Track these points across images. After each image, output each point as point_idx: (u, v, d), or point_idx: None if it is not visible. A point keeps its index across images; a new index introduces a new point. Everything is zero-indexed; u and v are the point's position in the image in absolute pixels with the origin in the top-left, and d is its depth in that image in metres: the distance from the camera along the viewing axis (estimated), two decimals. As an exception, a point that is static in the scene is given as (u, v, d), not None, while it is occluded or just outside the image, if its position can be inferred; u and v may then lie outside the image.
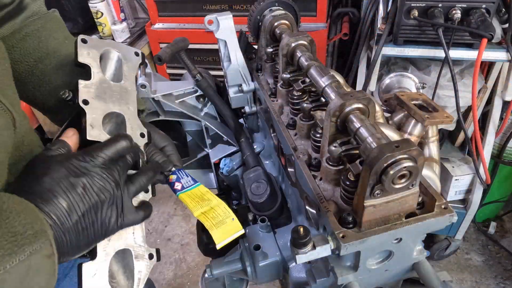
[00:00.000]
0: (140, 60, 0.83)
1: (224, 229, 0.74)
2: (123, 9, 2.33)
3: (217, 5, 2.11)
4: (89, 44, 0.74)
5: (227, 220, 0.76)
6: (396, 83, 1.12)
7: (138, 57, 0.83)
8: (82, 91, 0.70)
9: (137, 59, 0.83)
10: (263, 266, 0.88)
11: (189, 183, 0.81)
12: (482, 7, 1.33)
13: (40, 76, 0.78)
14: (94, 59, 0.74)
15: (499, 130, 1.76)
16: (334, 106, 0.65)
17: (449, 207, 0.62)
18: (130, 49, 0.83)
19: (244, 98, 1.18)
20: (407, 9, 1.41)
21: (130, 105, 0.76)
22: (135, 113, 0.77)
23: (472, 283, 2.07)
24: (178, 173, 0.81)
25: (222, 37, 1.06)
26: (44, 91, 0.80)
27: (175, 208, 2.53)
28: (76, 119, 0.75)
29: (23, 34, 0.75)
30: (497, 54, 1.42)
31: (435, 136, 0.99)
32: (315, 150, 0.78)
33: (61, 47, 0.81)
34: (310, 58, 0.84)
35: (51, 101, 0.81)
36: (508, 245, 2.22)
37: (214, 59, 2.26)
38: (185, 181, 0.81)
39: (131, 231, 0.69)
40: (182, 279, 2.18)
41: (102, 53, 0.77)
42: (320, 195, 0.68)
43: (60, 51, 0.80)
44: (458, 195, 1.94)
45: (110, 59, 0.78)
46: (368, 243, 0.60)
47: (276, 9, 1.09)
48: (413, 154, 0.54)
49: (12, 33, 0.74)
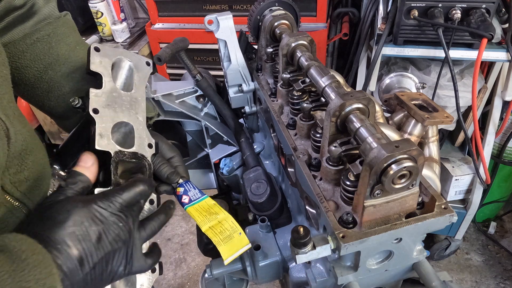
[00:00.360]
0: (151, 70, 0.84)
1: (231, 244, 0.75)
2: (123, 9, 2.33)
3: (217, 5, 2.11)
4: (102, 52, 0.74)
5: (234, 235, 0.76)
6: (396, 83, 1.12)
7: (149, 66, 0.83)
8: (93, 99, 0.69)
9: (148, 68, 0.83)
10: (263, 266, 0.88)
11: (196, 196, 0.81)
12: (482, 7, 1.33)
13: (49, 82, 0.77)
14: (105, 67, 0.74)
15: (499, 130, 1.76)
16: (334, 106, 0.65)
17: (449, 207, 0.62)
18: (142, 58, 0.83)
19: (244, 98, 1.18)
20: (407, 9, 1.41)
21: (139, 115, 0.76)
22: (144, 123, 0.77)
23: (472, 283, 2.07)
24: (186, 186, 0.81)
25: (222, 37, 1.06)
26: (53, 97, 0.79)
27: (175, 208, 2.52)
28: (84, 127, 0.75)
29: (34, 39, 0.74)
30: (497, 54, 1.43)
31: (435, 136, 0.99)
32: (315, 150, 0.78)
33: (72, 53, 0.79)
34: (310, 58, 0.84)
35: (60, 106, 0.80)
36: (508, 245, 2.22)
37: (214, 59, 2.26)
38: (192, 194, 0.81)
39: None
40: (182, 279, 2.18)
41: (114, 62, 0.77)
42: (320, 195, 0.68)
43: (70, 57, 0.79)
44: (458, 195, 1.94)
45: (122, 68, 0.79)
46: (368, 243, 0.60)
47: (276, 9, 1.09)
48: (413, 154, 0.54)
49: (22, 37, 0.73)
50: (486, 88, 1.72)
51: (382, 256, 0.69)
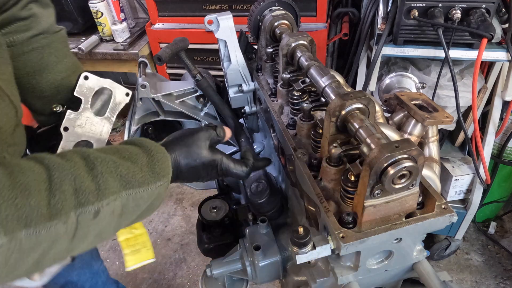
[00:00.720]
0: (127, 101, 0.99)
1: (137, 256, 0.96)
2: (123, 9, 2.33)
3: (217, 5, 2.11)
4: (89, 81, 0.92)
5: (142, 250, 0.97)
6: (396, 83, 1.12)
7: (127, 97, 1.00)
8: (67, 119, 0.88)
9: (126, 98, 0.99)
10: (263, 266, 0.88)
11: None
12: (482, 7, 1.33)
13: (35, 85, 0.89)
14: (87, 95, 0.91)
15: (499, 130, 1.76)
16: (334, 106, 0.65)
17: (449, 207, 0.62)
18: (123, 90, 0.98)
19: (244, 98, 1.18)
20: (407, 9, 1.41)
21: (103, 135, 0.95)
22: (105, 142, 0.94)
23: (472, 283, 2.07)
24: None
25: (222, 37, 1.06)
26: (35, 97, 0.91)
27: (175, 208, 2.54)
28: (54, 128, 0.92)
29: (30, 48, 0.86)
30: (497, 54, 1.42)
31: (435, 136, 0.99)
32: (315, 150, 0.78)
33: (59, 65, 0.91)
34: (310, 58, 0.84)
35: (38, 104, 0.93)
36: (508, 245, 2.22)
37: (214, 59, 2.26)
38: None
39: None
40: (182, 279, 2.18)
41: (97, 90, 0.93)
42: (320, 195, 0.68)
43: (56, 67, 0.91)
44: (458, 195, 1.94)
45: (102, 95, 0.95)
46: (368, 243, 0.60)
47: (276, 9, 1.09)
48: (413, 154, 0.54)
49: (21, 44, 0.85)
50: (486, 88, 1.72)
51: (382, 256, 0.69)
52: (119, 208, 0.59)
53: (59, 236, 0.51)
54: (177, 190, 2.69)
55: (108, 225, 0.59)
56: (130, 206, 0.61)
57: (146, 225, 2.48)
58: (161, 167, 0.66)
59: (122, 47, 2.22)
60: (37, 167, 0.52)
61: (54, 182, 0.51)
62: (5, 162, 0.50)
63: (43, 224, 0.48)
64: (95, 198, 0.54)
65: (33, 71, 0.87)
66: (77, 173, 0.54)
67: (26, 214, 0.46)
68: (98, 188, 0.55)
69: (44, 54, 0.88)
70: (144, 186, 0.62)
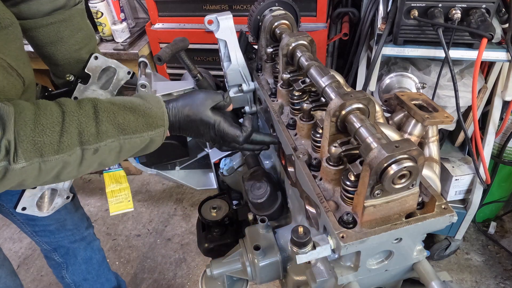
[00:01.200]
0: (128, 78, 1.15)
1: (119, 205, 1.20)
2: (123, 9, 2.33)
3: (217, 5, 2.10)
4: (99, 60, 1.08)
5: (124, 200, 1.20)
6: (396, 83, 1.12)
7: (128, 75, 1.15)
8: (77, 90, 1.08)
9: (127, 76, 1.15)
10: (263, 266, 0.88)
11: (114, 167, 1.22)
12: (482, 7, 1.33)
13: (51, 55, 1.03)
14: (96, 71, 1.09)
15: (499, 130, 1.76)
16: (334, 106, 0.65)
17: (449, 207, 0.62)
18: (126, 69, 1.14)
19: (244, 98, 1.18)
20: (407, 9, 1.41)
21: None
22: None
23: (472, 283, 2.07)
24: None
25: (222, 37, 1.06)
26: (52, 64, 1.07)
27: (175, 208, 2.53)
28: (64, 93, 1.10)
29: (49, 22, 0.96)
30: (497, 54, 1.42)
31: (435, 136, 0.99)
32: (315, 150, 0.78)
33: (72, 39, 1.02)
34: (310, 58, 0.84)
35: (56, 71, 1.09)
36: (508, 245, 2.22)
37: (214, 59, 2.26)
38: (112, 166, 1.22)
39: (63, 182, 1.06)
40: (182, 279, 2.18)
41: (104, 68, 1.10)
42: (320, 195, 0.68)
43: (69, 40, 1.02)
44: (458, 195, 1.94)
45: (108, 72, 1.12)
46: (368, 243, 0.60)
47: (276, 9, 1.09)
48: (413, 154, 0.54)
49: (41, 18, 0.95)
50: (486, 88, 1.72)
51: (382, 256, 0.69)
52: (117, 148, 0.73)
53: (68, 164, 0.68)
54: (177, 190, 2.69)
55: (108, 158, 0.74)
56: (126, 148, 0.74)
57: (146, 225, 2.48)
58: (153, 119, 0.77)
59: (122, 47, 2.21)
60: (55, 111, 0.67)
61: (65, 125, 0.66)
62: (39, 102, 0.67)
63: (52, 155, 0.65)
64: (95, 140, 0.69)
65: (50, 42, 1.00)
66: (84, 120, 0.68)
67: (41, 148, 0.63)
68: (97, 132, 0.69)
69: (60, 28, 0.99)
70: (137, 133, 0.74)
